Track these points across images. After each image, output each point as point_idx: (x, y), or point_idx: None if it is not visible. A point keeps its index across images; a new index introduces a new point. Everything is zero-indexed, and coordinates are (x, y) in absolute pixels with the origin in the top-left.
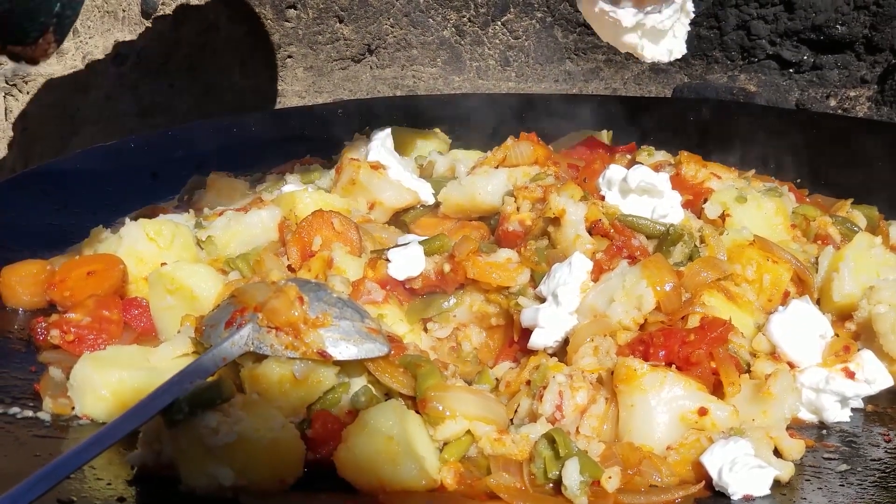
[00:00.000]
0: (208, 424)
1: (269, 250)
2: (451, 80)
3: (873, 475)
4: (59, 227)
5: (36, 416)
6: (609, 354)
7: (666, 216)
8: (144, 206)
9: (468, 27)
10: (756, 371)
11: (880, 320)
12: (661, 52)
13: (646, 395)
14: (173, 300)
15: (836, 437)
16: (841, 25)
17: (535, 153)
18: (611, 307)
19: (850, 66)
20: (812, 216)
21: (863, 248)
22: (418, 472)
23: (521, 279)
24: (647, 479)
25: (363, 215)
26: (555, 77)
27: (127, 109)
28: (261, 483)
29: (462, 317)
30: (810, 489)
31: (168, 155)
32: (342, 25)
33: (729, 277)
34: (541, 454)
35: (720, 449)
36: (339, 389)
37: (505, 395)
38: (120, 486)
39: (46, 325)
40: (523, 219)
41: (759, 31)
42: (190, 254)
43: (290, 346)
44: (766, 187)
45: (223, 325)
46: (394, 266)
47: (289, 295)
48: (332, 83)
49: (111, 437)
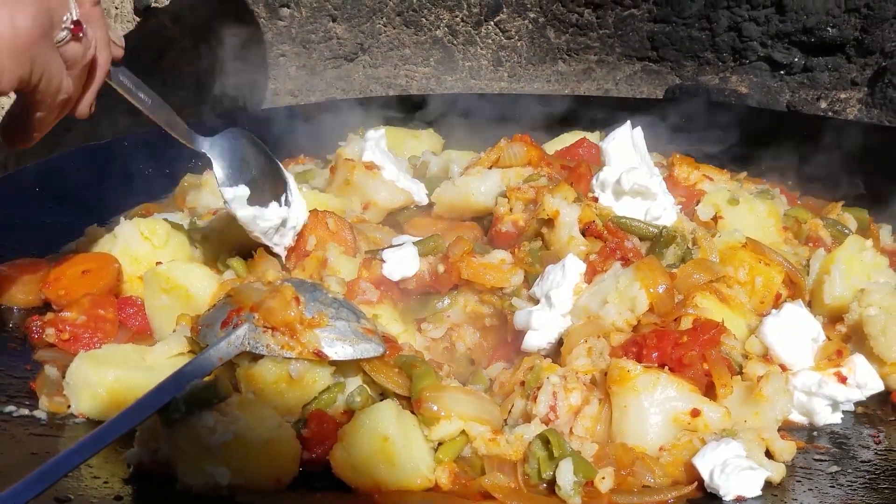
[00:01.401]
0: (205, 424)
1: (263, 250)
2: (443, 80)
3: (863, 476)
4: (54, 226)
5: (32, 415)
6: (602, 356)
7: (659, 218)
8: (139, 205)
9: (461, 27)
10: (748, 373)
11: (871, 323)
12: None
13: (639, 396)
14: (168, 299)
15: (826, 438)
16: (832, 28)
17: (529, 154)
18: (604, 308)
19: (840, 68)
20: (803, 218)
21: (854, 250)
22: (413, 471)
23: (515, 280)
24: (640, 480)
25: (357, 215)
26: (547, 77)
27: (120, 107)
28: (257, 482)
29: (456, 317)
30: (801, 490)
31: (162, 153)
32: (335, 24)
33: (721, 279)
34: (535, 454)
35: (712, 451)
36: (335, 389)
37: (499, 395)
38: (116, 485)
39: (42, 324)
40: (516, 220)
41: (750, 33)
42: (185, 253)
43: (286, 346)
44: (757, 189)
45: (219, 325)
46: (388, 266)
47: (285, 295)
48: (324, 82)
49: (108, 436)
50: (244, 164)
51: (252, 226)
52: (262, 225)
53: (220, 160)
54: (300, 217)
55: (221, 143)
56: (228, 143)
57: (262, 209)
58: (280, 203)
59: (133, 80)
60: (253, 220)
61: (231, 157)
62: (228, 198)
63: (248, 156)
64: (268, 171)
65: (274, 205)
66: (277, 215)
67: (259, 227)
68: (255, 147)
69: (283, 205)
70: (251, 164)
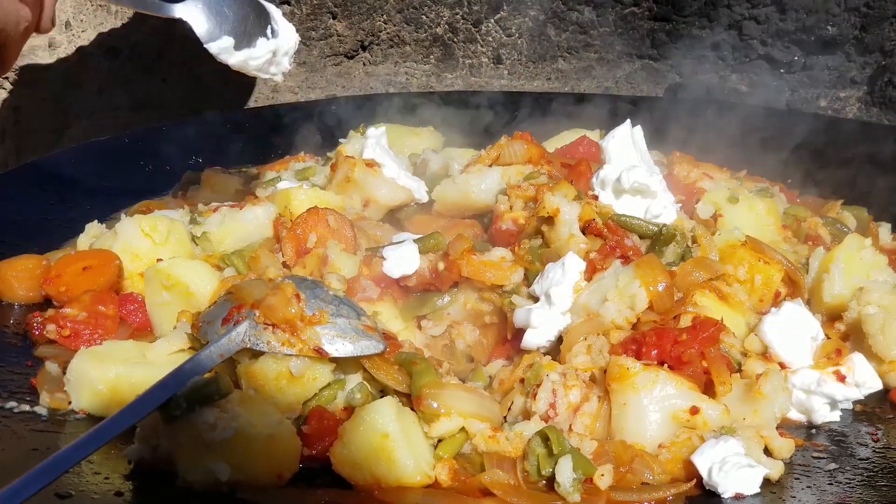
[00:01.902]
0: (206, 420)
1: (264, 247)
2: (443, 78)
3: (861, 474)
4: (55, 223)
5: (33, 411)
6: (602, 353)
7: (659, 216)
8: (139, 202)
9: (461, 24)
10: (747, 371)
11: (870, 321)
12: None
13: (638, 393)
14: (169, 296)
15: (824, 436)
16: (832, 26)
17: (529, 152)
18: (604, 306)
19: (840, 66)
20: (803, 217)
21: (853, 249)
22: (413, 468)
23: (515, 278)
24: (639, 477)
25: (358, 213)
26: (547, 75)
27: (120, 104)
28: (257, 478)
29: (456, 314)
30: (800, 487)
31: (163, 150)
32: (336, 21)
33: (721, 277)
34: (534, 451)
35: (710, 448)
36: (335, 386)
37: (498, 392)
38: (117, 481)
39: (42, 320)
40: (516, 217)
41: (750, 32)
42: (185, 250)
43: (287, 343)
44: (757, 188)
45: (220, 322)
46: (389, 264)
47: (286, 292)
48: (324, 79)
49: (109, 433)
50: (221, 13)
51: (245, 67)
52: (254, 64)
53: (198, 19)
54: (290, 41)
55: (194, 2)
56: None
57: (251, 49)
58: (268, 36)
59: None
60: (245, 63)
61: (207, 12)
62: (215, 52)
63: (223, 2)
64: (248, 10)
65: (262, 40)
66: (267, 49)
67: (253, 66)
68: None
69: (272, 37)
70: (228, 9)
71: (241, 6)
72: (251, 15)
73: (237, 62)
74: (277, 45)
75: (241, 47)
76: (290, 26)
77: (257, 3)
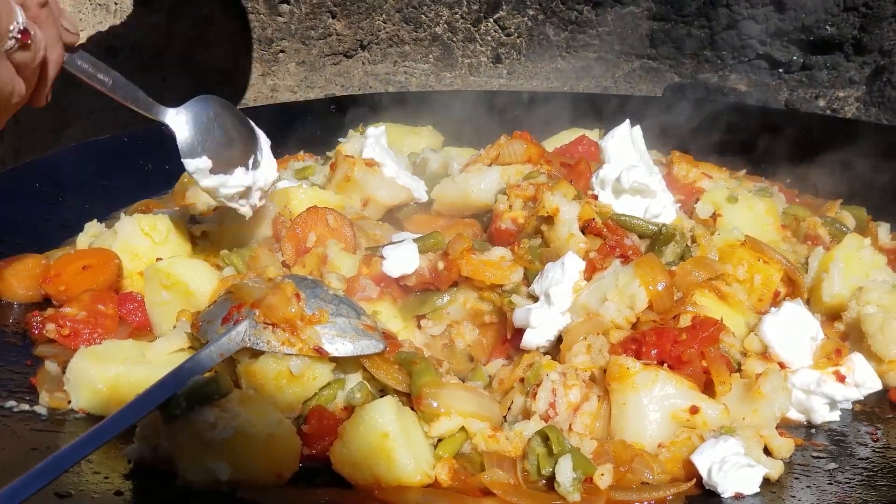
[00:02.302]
0: (205, 419)
1: (263, 246)
2: (442, 77)
3: (861, 474)
4: (54, 222)
5: (32, 410)
6: (602, 353)
7: (658, 216)
8: (139, 201)
9: (460, 24)
10: (747, 370)
11: (869, 321)
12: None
13: (638, 393)
14: (169, 295)
15: (824, 435)
16: (831, 26)
17: (528, 151)
18: (604, 306)
19: (839, 66)
20: (802, 216)
21: (852, 248)
22: (413, 468)
23: (515, 277)
24: (639, 477)
25: (357, 212)
26: (546, 74)
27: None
28: (257, 478)
29: (455, 314)
30: (799, 487)
31: (162, 149)
32: (335, 21)
33: (720, 277)
34: (534, 451)
35: (710, 448)
36: (335, 386)
37: (498, 392)
38: (117, 480)
39: (42, 319)
40: (516, 217)
41: (749, 31)
42: (185, 249)
43: (287, 343)
44: (756, 187)
45: (220, 321)
46: (388, 263)
47: (286, 291)
48: (323, 78)
49: (109, 432)
50: (209, 131)
51: (215, 194)
52: (224, 192)
53: (183, 130)
54: (268, 178)
55: (186, 112)
56: (193, 111)
57: (226, 177)
58: (248, 167)
59: (90, 61)
60: (216, 189)
61: (194, 126)
62: (190, 170)
63: (214, 121)
64: (236, 135)
65: (240, 170)
66: (241, 182)
67: (222, 194)
68: (225, 109)
69: (251, 168)
70: (218, 129)
71: (233, 128)
72: (238, 140)
73: (208, 185)
74: (254, 180)
75: (217, 171)
76: (272, 163)
77: (251, 128)
